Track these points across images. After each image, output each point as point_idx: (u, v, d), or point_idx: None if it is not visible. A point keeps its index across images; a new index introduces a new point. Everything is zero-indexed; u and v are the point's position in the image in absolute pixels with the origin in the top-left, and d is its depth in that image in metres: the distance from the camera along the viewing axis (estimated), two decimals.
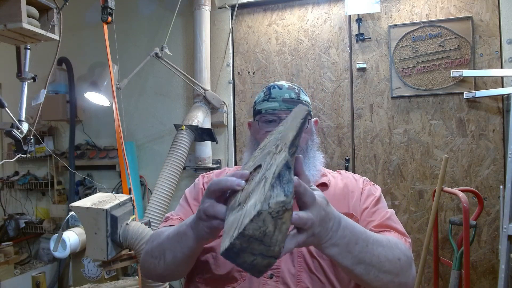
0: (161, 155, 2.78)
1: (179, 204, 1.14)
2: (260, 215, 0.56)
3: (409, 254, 0.89)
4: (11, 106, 1.69)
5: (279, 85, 1.11)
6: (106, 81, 2.56)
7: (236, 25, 2.80)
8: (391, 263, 0.82)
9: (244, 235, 0.57)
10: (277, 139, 0.75)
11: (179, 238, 0.86)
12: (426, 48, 2.41)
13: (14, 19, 1.51)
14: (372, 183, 1.11)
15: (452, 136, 2.38)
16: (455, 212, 2.36)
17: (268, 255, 0.59)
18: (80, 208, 1.62)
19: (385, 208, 1.03)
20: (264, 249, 0.58)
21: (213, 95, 2.66)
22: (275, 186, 0.58)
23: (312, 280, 0.92)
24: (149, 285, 1.94)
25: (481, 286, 2.31)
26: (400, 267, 0.84)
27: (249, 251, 0.58)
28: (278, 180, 0.59)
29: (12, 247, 2.84)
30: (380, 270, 0.79)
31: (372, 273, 0.78)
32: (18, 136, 1.72)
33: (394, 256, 0.83)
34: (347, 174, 1.14)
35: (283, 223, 0.58)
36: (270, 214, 0.56)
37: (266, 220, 0.56)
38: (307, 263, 0.94)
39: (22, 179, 3.18)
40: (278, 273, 0.93)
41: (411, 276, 0.87)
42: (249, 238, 0.57)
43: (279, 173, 0.59)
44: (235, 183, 0.68)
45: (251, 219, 0.56)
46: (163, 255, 0.90)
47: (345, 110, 2.57)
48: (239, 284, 0.94)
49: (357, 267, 0.77)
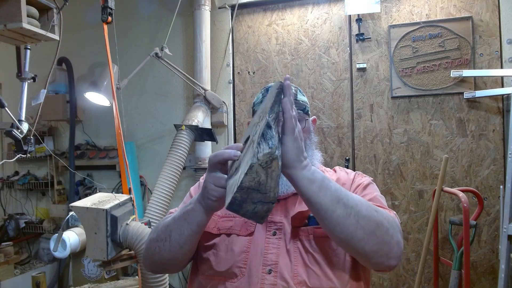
0: (161, 155, 2.78)
1: (183, 201, 1.16)
2: (252, 167, 0.67)
3: (390, 218, 0.91)
4: (11, 106, 1.69)
5: None
6: (106, 81, 2.56)
7: (236, 25, 2.80)
8: (368, 210, 0.86)
9: (242, 187, 0.68)
10: (259, 113, 0.85)
11: (186, 216, 0.92)
12: (426, 48, 2.41)
13: (14, 19, 1.51)
14: (363, 175, 1.13)
15: (452, 136, 2.38)
16: (455, 212, 2.36)
17: (266, 201, 0.70)
18: (80, 208, 1.62)
19: (374, 193, 1.05)
20: (261, 196, 0.69)
21: (213, 95, 2.66)
22: (260, 143, 0.69)
23: (308, 273, 0.94)
24: (149, 285, 1.94)
25: (481, 286, 2.31)
26: (378, 218, 0.86)
27: (249, 200, 0.69)
28: (263, 138, 0.69)
29: (12, 247, 2.84)
30: (358, 212, 0.84)
31: (353, 215, 0.83)
32: (18, 136, 1.72)
33: (370, 206, 0.88)
34: (340, 170, 1.17)
35: (273, 171, 0.69)
36: (260, 165, 0.67)
37: (258, 171, 0.67)
38: (302, 258, 0.96)
39: (22, 179, 3.18)
40: (276, 268, 0.95)
41: (394, 238, 0.88)
42: (247, 190, 0.68)
43: (262, 133, 0.70)
44: (232, 154, 0.81)
45: (245, 173, 0.67)
46: (169, 236, 0.95)
47: (345, 110, 2.57)
48: (239, 279, 0.96)
49: (337, 206, 0.82)
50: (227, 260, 0.98)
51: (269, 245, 0.98)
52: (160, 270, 1.09)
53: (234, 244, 1.00)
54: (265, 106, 0.83)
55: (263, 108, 0.85)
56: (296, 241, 0.98)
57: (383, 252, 0.87)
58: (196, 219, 0.91)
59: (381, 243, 0.86)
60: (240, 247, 0.99)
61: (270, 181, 0.69)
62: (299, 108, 1.08)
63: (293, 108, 0.80)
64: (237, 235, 1.01)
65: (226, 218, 1.05)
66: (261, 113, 0.82)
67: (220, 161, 0.84)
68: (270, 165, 0.68)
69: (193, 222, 0.91)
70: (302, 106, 1.10)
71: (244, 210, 0.70)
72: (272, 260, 0.96)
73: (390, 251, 0.87)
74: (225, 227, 1.03)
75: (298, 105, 1.08)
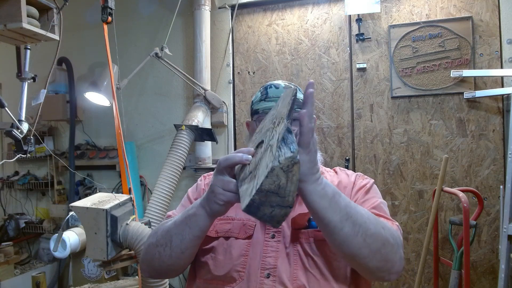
0: (161, 155, 2.78)
1: (181, 204, 1.14)
2: (273, 170, 0.66)
3: (395, 234, 0.90)
4: (11, 106, 1.68)
5: (276, 84, 1.11)
6: (106, 81, 2.56)
7: (236, 25, 2.80)
8: (376, 228, 0.85)
9: (262, 190, 0.67)
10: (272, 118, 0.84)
11: (188, 221, 0.91)
12: (426, 48, 2.41)
13: (14, 19, 1.51)
14: (364, 177, 1.11)
15: (452, 136, 2.38)
16: (455, 212, 2.36)
17: (284, 205, 0.69)
18: (80, 208, 1.62)
19: (376, 197, 1.04)
20: (280, 200, 0.69)
21: (213, 95, 2.66)
22: (281, 147, 0.68)
23: (308, 278, 0.93)
24: (149, 285, 1.94)
25: (481, 286, 2.31)
26: (384, 236, 0.85)
27: (267, 204, 0.69)
28: (283, 142, 0.69)
29: (12, 247, 2.84)
30: (366, 231, 0.82)
31: (360, 234, 0.82)
32: (18, 136, 1.72)
33: (378, 224, 0.86)
34: (341, 171, 1.15)
35: (293, 175, 0.68)
36: (282, 168, 0.66)
37: (279, 174, 0.67)
38: (302, 261, 0.95)
39: (22, 179, 3.18)
40: (275, 272, 0.93)
41: (398, 255, 0.88)
42: (266, 192, 0.67)
43: (283, 137, 0.69)
44: (244, 158, 0.79)
45: (266, 176, 0.66)
46: (170, 241, 0.93)
47: (345, 110, 2.57)
48: (238, 284, 0.94)
49: (345, 224, 0.81)
50: (225, 264, 0.97)
51: (267, 248, 0.96)
52: (159, 276, 1.06)
53: (232, 248, 0.98)
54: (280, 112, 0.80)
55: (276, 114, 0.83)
56: (296, 244, 0.96)
57: (386, 268, 0.87)
58: (198, 224, 0.89)
59: (385, 260, 0.86)
60: (239, 250, 0.97)
61: (290, 185, 0.68)
62: (298, 106, 1.07)
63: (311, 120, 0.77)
64: (235, 238, 0.99)
65: (224, 221, 1.03)
66: (275, 118, 0.81)
67: (231, 165, 0.82)
68: (292, 169, 0.67)
69: (195, 227, 0.89)
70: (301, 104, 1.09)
71: (261, 213, 0.70)
72: (271, 264, 0.94)
73: (392, 267, 0.88)
74: (223, 230, 1.01)
75: (297, 103, 1.07)
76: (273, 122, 0.81)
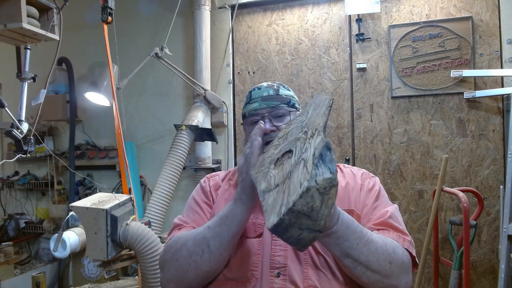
0: (161, 155, 2.78)
1: (189, 209, 1.11)
2: (308, 191, 0.60)
3: (406, 260, 0.91)
4: (11, 106, 1.68)
5: (259, 86, 1.15)
6: (106, 81, 2.56)
7: (236, 25, 2.80)
8: (380, 265, 0.86)
9: (293, 210, 0.61)
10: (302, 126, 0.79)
11: (225, 221, 0.92)
12: (426, 48, 2.41)
13: (14, 19, 1.50)
14: (371, 176, 1.12)
15: (452, 136, 2.38)
16: (455, 212, 2.36)
17: (314, 229, 0.64)
18: (80, 208, 1.62)
19: (386, 202, 1.05)
20: (311, 223, 0.63)
21: (213, 95, 2.66)
22: (319, 165, 0.62)
23: (319, 277, 0.92)
24: (149, 285, 1.94)
25: (481, 286, 2.31)
26: (390, 270, 0.87)
27: (296, 226, 0.63)
28: (321, 160, 0.63)
29: (12, 247, 2.83)
30: (367, 268, 0.85)
31: (359, 269, 0.85)
32: (18, 136, 1.72)
33: (386, 259, 0.87)
34: (346, 169, 1.14)
35: (330, 198, 0.62)
36: (318, 190, 0.61)
37: (314, 196, 0.61)
38: (313, 260, 0.94)
39: (22, 179, 3.18)
40: (285, 271, 0.93)
41: (403, 281, 0.89)
42: (298, 214, 0.61)
43: (321, 154, 0.64)
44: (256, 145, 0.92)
45: (300, 195, 0.60)
46: (207, 246, 0.92)
47: (345, 110, 2.57)
48: (252, 283, 0.94)
49: (345, 259, 0.85)
50: (238, 264, 0.96)
51: (276, 247, 0.96)
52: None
53: (244, 247, 0.97)
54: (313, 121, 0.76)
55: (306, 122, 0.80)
56: None
57: None
58: (237, 219, 0.91)
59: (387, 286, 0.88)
60: (251, 249, 0.97)
61: (324, 209, 0.62)
62: (282, 102, 1.09)
63: None
64: (246, 237, 0.99)
65: None
66: (305, 127, 0.77)
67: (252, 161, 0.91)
68: (329, 191, 0.61)
69: (233, 224, 0.91)
70: (286, 100, 1.10)
71: (289, 235, 0.64)
72: (280, 263, 0.94)
73: None
74: None
75: (281, 99, 1.09)
76: (303, 131, 0.76)
